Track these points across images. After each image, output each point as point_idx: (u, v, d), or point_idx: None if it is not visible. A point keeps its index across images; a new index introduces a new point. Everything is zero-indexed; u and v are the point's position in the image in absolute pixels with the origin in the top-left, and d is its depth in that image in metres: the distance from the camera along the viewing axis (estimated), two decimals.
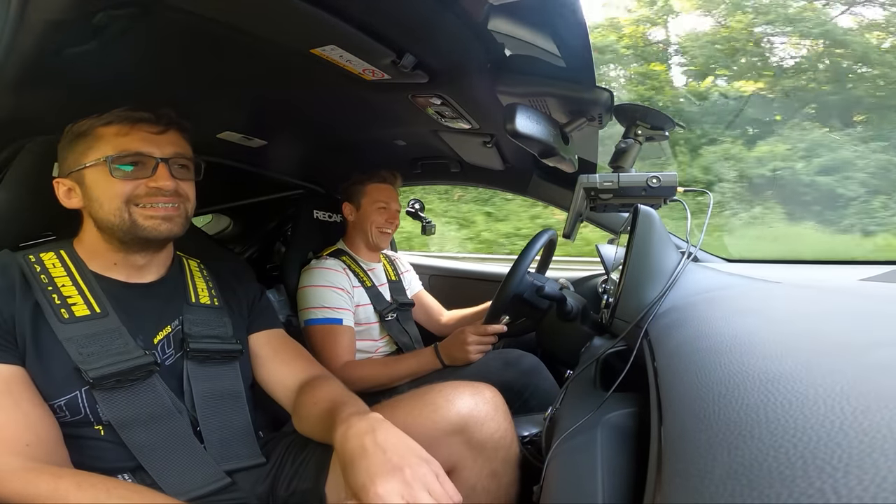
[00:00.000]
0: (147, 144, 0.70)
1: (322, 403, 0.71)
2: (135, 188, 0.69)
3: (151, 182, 0.69)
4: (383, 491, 0.50)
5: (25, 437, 0.58)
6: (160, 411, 0.68)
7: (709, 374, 0.34)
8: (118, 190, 0.69)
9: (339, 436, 0.59)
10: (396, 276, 1.48)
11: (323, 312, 1.21)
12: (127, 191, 0.69)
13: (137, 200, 0.69)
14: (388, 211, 1.36)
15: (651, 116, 0.76)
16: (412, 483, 0.51)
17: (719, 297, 0.61)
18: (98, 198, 0.70)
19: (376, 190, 1.36)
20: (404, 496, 0.50)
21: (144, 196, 0.70)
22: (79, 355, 0.64)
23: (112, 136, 0.69)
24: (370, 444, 0.55)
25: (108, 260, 0.73)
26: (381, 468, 0.52)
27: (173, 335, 0.74)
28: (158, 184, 0.69)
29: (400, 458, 0.53)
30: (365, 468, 0.53)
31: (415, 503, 0.50)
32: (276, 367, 0.83)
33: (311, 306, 1.22)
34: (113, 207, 0.69)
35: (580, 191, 0.78)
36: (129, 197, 0.69)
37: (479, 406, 0.72)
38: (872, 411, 0.21)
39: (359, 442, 0.56)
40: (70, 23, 0.61)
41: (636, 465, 0.50)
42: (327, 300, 1.22)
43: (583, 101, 0.79)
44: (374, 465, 0.53)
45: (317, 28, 0.68)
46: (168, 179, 0.70)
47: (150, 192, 0.70)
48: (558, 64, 0.74)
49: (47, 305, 0.65)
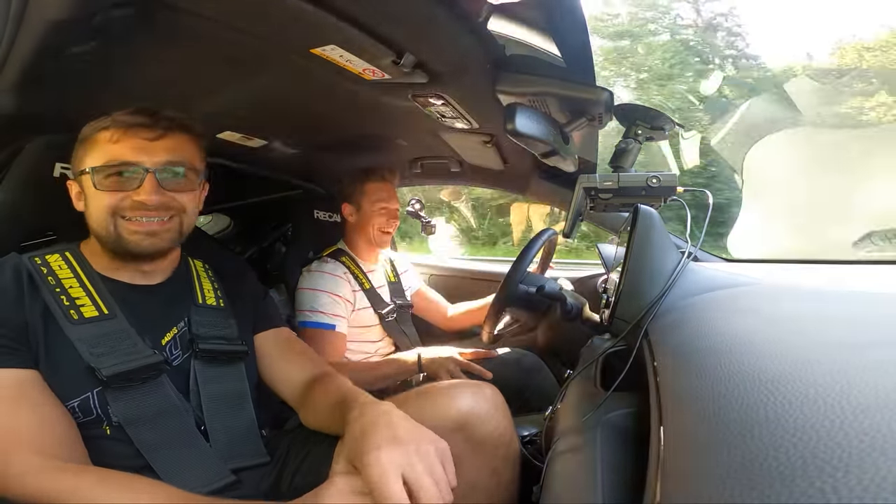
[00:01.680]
0: (137, 153, 0.67)
1: (334, 395, 0.71)
2: (120, 200, 0.66)
3: (135, 196, 0.66)
4: (386, 458, 0.50)
5: (45, 437, 0.58)
6: (167, 410, 0.68)
7: (709, 373, 0.34)
8: (104, 202, 0.67)
9: (352, 418, 0.59)
10: (395, 277, 1.48)
11: (317, 317, 1.21)
12: (112, 203, 0.66)
13: (123, 213, 0.67)
14: (389, 211, 1.36)
15: (651, 116, 0.77)
16: (415, 458, 0.51)
17: (719, 297, 0.61)
18: (88, 206, 0.69)
19: (376, 189, 1.35)
20: (403, 468, 0.50)
21: (129, 209, 0.67)
22: (90, 355, 0.64)
23: (104, 142, 0.67)
24: (383, 421, 0.56)
25: (112, 265, 0.73)
26: (388, 439, 0.53)
27: (180, 336, 0.74)
28: (141, 198, 0.66)
29: (408, 435, 0.54)
30: (373, 439, 0.53)
31: (413, 477, 0.50)
32: (283, 365, 0.83)
33: (306, 309, 1.23)
34: (100, 219, 0.67)
35: (580, 191, 0.78)
36: (115, 209, 0.67)
37: (479, 404, 0.73)
38: (872, 411, 0.21)
39: (372, 418, 0.57)
40: (70, 23, 0.61)
41: (636, 465, 0.50)
42: (323, 305, 1.23)
43: (583, 101, 0.79)
44: (383, 437, 0.53)
45: (317, 28, 0.68)
46: (153, 193, 0.66)
47: (135, 206, 0.67)
48: (558, 64, 0.74)
49: (56, 307, 0.65)
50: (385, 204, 1.35)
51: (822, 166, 1.36)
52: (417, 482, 0.50)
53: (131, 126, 0.67)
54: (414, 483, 0.50)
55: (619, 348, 0.68)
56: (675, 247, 0.72)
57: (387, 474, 0.49)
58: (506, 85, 0.84)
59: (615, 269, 0.86)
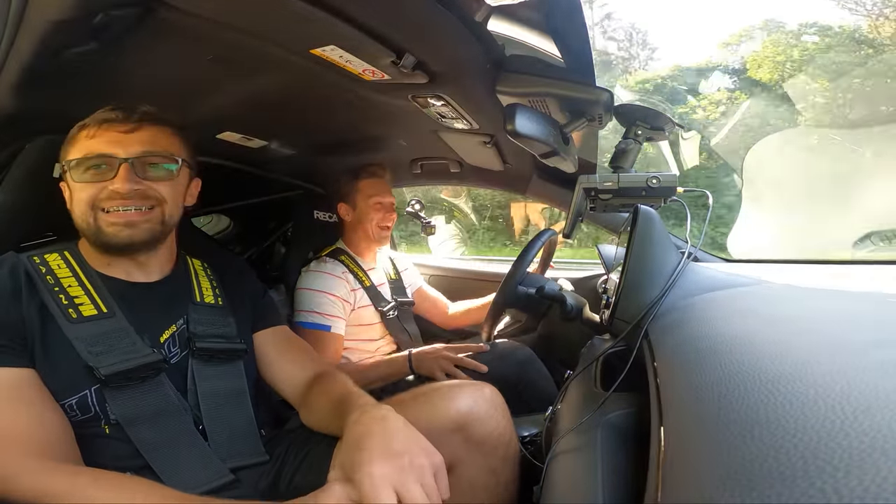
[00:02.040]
0: (111, 145, 0.68)
1: (335, 395, 0.71)
2: (98, 192, 0.67)
3: (111, 185, 0.67)
4: (378, 472, 0.50)
5: (40, 437, 0.58)
6: (166, 409, 0.68)
7: (709, 374, 0.34)
8: (82, 195, 0.68)
9: (351, 420, 0.59)
10: (397, 275, 1.48)
11: (313, 317, 1.21)
12: (91, 195, 0.67)
13: (102, 205, 0.67)
14: (384, 205, 1.35)
15: (651, 117, 0.77)
16: (407, 471, 0.51)
17: (719, 297, 0.61)
18: (72, 202, 0.70)
19: (369, 185, 1.35)
20: (395, 483, 0.50)
21: (106, 200, 0.67)
22: (89, 354, 0.64)
23: (83, 139, 0.69)
24: (378, 429, 0.56)
25: (105, 261, 0.73)
26: (382, 452, 0.53)
27: (178, 334, 0.74)
28: (115, 186, 0.67)
29: (402, 446, 0.54)
30: (367, 449, 0.53)
31: (403, 491, 0.50)
32: (283, 364, 0.83)
33: (304, 309, 1.23)
34: (80, 212, 0.68)
35: (580, 191, 0.78)
36: (94, 202, 0.67)
37: (478, 404, 0.73)
38: (873, 411, 0.21)
39: (368, 426, 0.57)
40: (70, 23, 0.61)
41: (636, 465, 0.50)
42: (320, 306, 1.23)
43: (583, 101, 0.79)
44: (376, 447, 0.53)
45: (317, 28, 0.68)
46: (125, 182, 0.67)
47: (111, 196, 0.67)
48: (558, 64, 0.74)
49: (54, 306, 0.65)
50: (380, 198, 1.34)
51: (821, 166, 1.36)
52: (408, 497, 0.50)
53: (106, 121, 0.69)
54: (405, 497, 0.50)
55: (619, 348, 0.68)
56: (675, 247, 0.72)
57: (377, 489, 0.49)
58: (506, 85, 0.84)
59: (615, 270, 0.86)
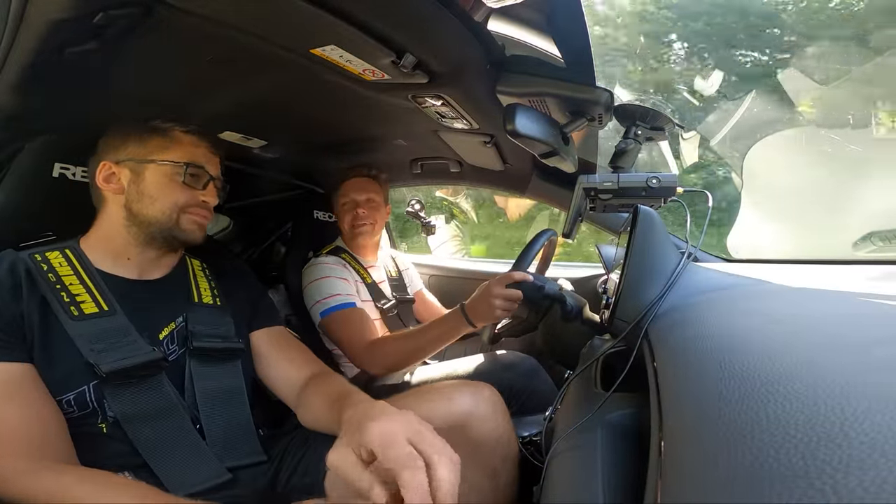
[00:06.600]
0: (208, 162, 0.80)
1: (332, 394, 0.71)
2: (190, 197, 0.77)
3: (202, 196, 0.79)
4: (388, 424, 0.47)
5: (32, 435, 0.58)
6: (165, 407, 0.69)
7: (709, 374, 0.34)
8: (177, 194, 0.76)
9: (347, 416, 0.57)
10: (398, 273, 1.48)
11: (335, 300, 1.19)
12: (184, 197, 0.77)
13: (187, 207, 0.77)
14: (357, 202, 1.32)
15: (651, 117, 0.76)
16: (419, 426, 0.48)
17: (719, 297, 0.61)
18: (152, 194, 0.75)
19: (347, 185, 1.35)
20: (409, 435, 0.46)
21: (196, 206, 0.79)
22: (90, 351, 0.64)
23: (189, 144, 0.79)
24: (378, 408, 0.53)
25: (122, 255, 0.75)
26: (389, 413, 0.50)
27: (177, 332, 0.75)
28: (208, 198, 0.80)
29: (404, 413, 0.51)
30: (370, 417, 0.49)
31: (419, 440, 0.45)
32: (281, 364, 0.83)
33: (322, 298, 1.20)
34: (165, 207, 0.76)
35: (580, 191, 0.78)
36: (183, 203, 0.77)
37: (478, 405, 0.73)
38: (873, 411, 0.21)
39: (366, 409, 0.54)
40: (71, 23, 0.61)
41: (636, 465, 0.50)
42: (336, 288, 1.21)
43: (583, 101, 0.79)
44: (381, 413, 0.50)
45: (317, 28, 0.68)
46: (215, 197, 0.81)
47: (199, 204, 0.79)
48: (558, 64, 0.74)
49: (56, 302, 0.66)
50: (352, 196, 1.32)
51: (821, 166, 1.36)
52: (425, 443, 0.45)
53: (200, 135, 0.81)
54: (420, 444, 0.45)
55: (619, 349, 0.68)
56: (675, 247, 0.72)
57: (392, 435, 0.45)
58: (506, 85, 0.84)
59: (615, 270, 0.86)
